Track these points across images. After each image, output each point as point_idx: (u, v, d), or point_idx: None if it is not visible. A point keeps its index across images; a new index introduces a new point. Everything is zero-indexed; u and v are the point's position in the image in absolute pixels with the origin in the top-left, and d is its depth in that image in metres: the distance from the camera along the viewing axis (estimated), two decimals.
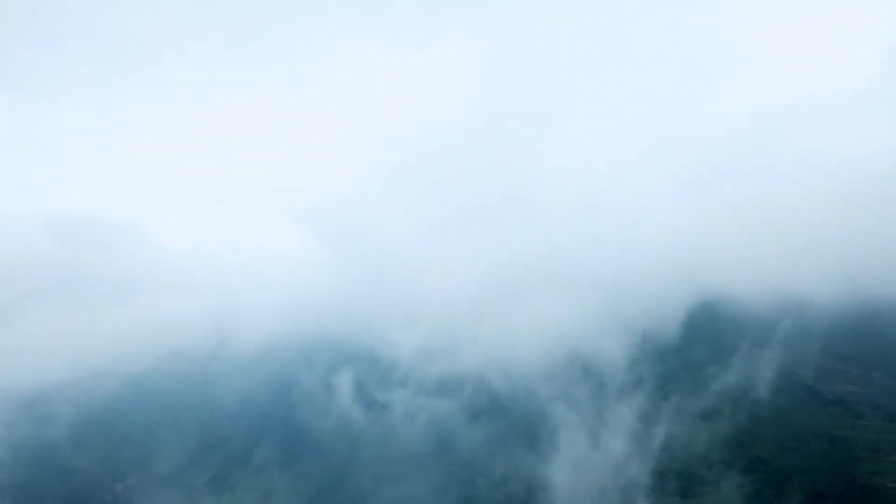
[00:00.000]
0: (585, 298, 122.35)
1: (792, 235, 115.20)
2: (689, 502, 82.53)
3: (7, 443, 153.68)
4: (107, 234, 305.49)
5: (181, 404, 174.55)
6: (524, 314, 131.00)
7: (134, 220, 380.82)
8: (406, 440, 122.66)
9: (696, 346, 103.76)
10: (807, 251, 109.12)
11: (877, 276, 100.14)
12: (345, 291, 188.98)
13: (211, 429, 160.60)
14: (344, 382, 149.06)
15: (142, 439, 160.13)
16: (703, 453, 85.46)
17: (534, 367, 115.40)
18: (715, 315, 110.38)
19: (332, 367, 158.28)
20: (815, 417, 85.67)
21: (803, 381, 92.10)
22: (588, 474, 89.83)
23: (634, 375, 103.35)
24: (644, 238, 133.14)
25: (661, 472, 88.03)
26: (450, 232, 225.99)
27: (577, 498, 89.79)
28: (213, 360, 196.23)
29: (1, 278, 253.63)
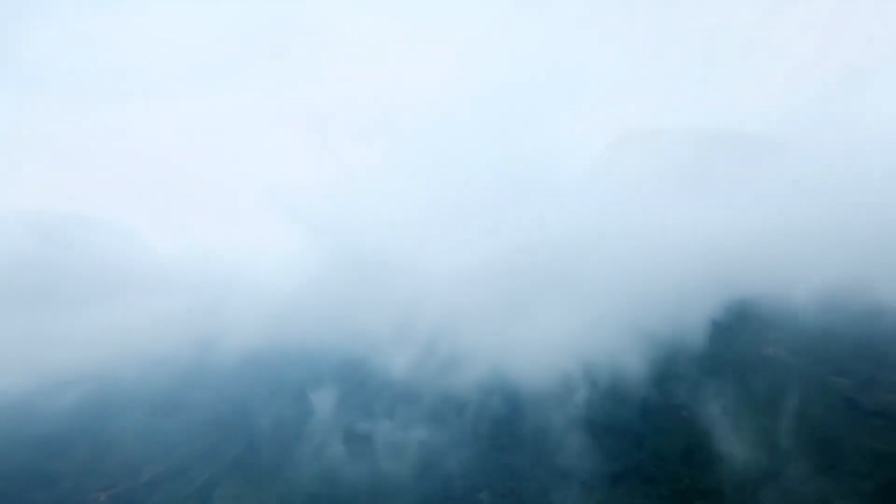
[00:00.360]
0: (602, 302, 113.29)
1: (846, 224, 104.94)
2: None
3: None
4: (88, 232, 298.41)
5: (169, 409, 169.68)
6: (532, 322, 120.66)
7: (117, 217, 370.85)
8: (393, 467, 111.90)
9: (726, 357, 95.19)
10: (862, 242, 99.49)
11: None
12: (335, 294, 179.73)
13: (201, 436, 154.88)
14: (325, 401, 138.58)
15: (128, 446, 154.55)
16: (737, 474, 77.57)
17: (544, 386, 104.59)
18: (750, 319, 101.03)
19: (314, 379, 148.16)
20: (856, 431, 77.50)
21: (840, 390, 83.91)
22: None
23: (658, 391, 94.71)
24: (669, 231, 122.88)
25: None
26: (450, 228, 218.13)
27: None
28: (201, 363, 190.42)
29: None
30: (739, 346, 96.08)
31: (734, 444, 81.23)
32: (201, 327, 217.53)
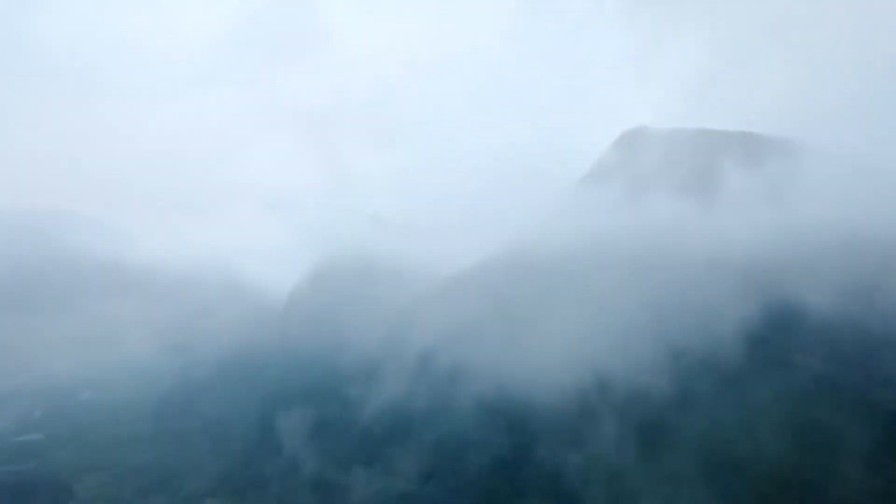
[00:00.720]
0: (618, 310, 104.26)
1: (872, 226, 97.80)
2: None
3: None
4: (72, 230, 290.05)
5: (158, 417, 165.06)
6: (541, 334, 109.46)
7: (106, 216, 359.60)
8: None
9: (762, 372, 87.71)
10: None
11: None
12: (323, 300, 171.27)
13: (189, 445, 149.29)
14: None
15: (119, 453, 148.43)
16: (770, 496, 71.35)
17: (557, 406, 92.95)
18: (779, 327, 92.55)
19: (289, 398, 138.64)
20: None
21: (885, 403, 78.03)
22: None
23: (682, 408, 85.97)
24: (680, 235, 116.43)
25: None
26: (449, 230, 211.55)
27: None
28: (184, 369, 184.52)
29: None
30: (768, 356, 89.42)
31: (763, 462, 75.38)
32: (183, 332, 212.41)
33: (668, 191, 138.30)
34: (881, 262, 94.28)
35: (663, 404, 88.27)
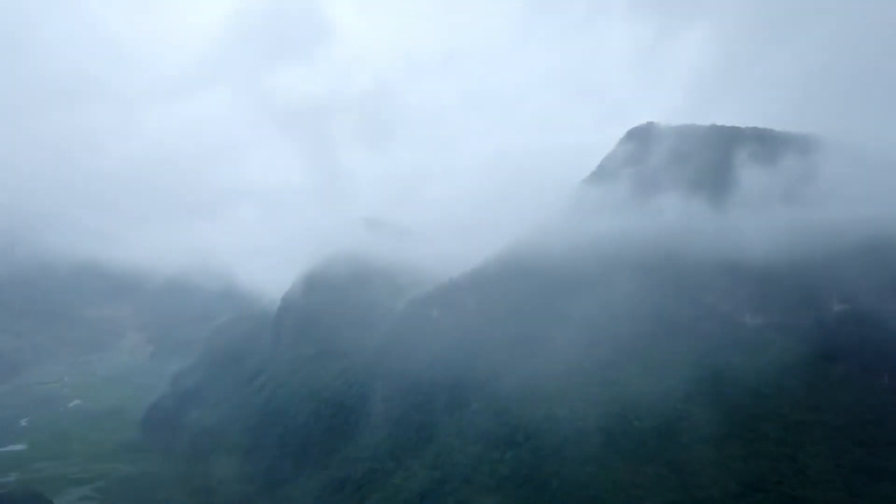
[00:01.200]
0: (633, 320, 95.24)
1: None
2: None
3: None
4: (55, 232, 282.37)
5: (144, 426, 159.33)
6: (547, 344, 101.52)
7: (87, 217, 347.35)
8: None
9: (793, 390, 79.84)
10: None
11: None
12: (314, 308, 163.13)
13: (175, 458, 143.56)
14: None
15: (98, 465, 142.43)
16: None
17: (574, 437, 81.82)
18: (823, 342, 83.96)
19: (275, 416, 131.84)
20: None
21: None
22: None
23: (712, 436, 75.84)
24: (694, 237, 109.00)
25: None
26: (450, 231, 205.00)
27: None
28: (174, 378, 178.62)
29: None
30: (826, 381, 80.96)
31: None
32: (174, 337, 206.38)
33: (679, 189, 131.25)
34: None
35: (685, 420, 79.62)
